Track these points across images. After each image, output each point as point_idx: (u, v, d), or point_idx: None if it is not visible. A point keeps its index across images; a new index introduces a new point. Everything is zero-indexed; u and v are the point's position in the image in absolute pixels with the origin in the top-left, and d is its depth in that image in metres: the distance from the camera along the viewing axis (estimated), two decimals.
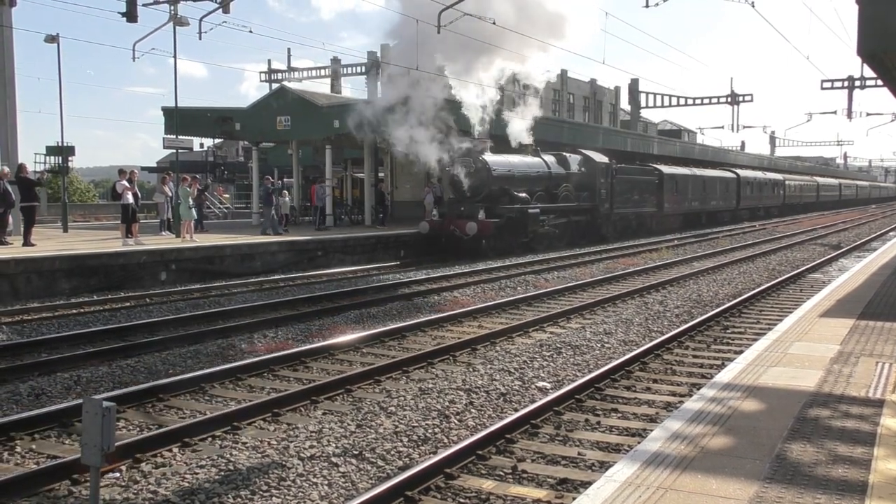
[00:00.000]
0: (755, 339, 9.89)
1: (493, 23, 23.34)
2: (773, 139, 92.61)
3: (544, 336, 11.72)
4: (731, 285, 17.43)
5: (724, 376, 7.31)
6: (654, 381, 9.05)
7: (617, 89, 68.28)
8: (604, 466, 6.06)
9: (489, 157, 25.10)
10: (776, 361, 7.87)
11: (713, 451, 5.20)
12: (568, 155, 29.61)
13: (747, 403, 6.35)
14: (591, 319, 13.16)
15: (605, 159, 31.20)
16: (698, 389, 7.36)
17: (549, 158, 28.44)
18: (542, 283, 17.86)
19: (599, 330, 11.92)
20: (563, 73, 61.84)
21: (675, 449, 5.24)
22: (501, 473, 6.10)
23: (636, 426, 7.26)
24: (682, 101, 55.49)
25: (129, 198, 20.50)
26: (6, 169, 19.97)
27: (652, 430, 6.01)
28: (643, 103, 57.11)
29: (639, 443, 5.79)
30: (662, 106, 56.94)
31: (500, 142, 27.07)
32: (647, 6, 28.55)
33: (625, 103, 62.94)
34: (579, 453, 6.52)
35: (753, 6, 25.70)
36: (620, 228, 32.88)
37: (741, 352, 8.90)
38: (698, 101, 54.63)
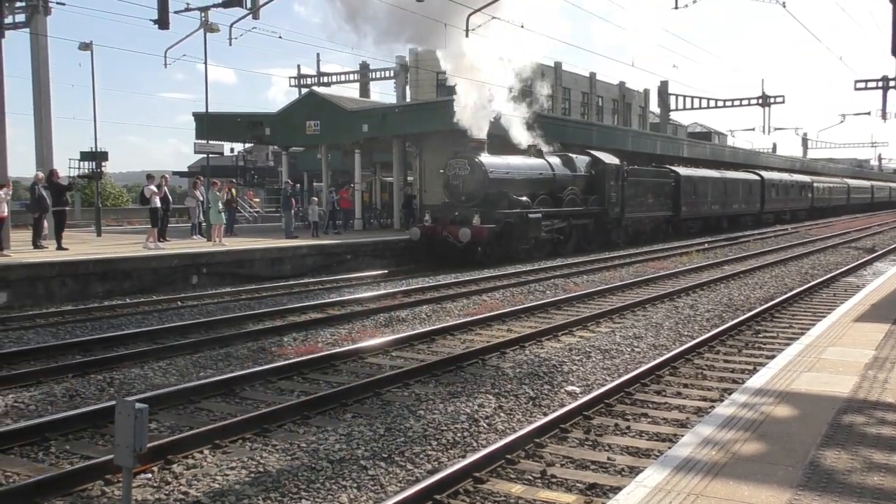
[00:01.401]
0: (788, 344, 9.77)
1: (522, 26, 23.32)
2: (805, 141, 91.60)
3: (574, 340, 11.67)
4: (762, 289, 17.23)
5: (755, 381, 7.23)
6: (685, 385, 8.97)
7: (646, 92, 67.87)
8: (634, 472, 6.02)
9: (486, 158, 23.73)
10: (809, 367, 7.77)
11: (745, 457, 5.15)
12: (574, 156, 28.32)
13: (780, 409, 6.27)
14: (620, 323, 13.07)
15: (615, 160, 29.77)
16: (730, 394, 7.29)
17: (554, 160, 27.07)
18: (572, 287, 17.78)
19: (629, 334, 11.84)
20: (592, 76, 61.59)
21: (707, 455, 5.18)
22: (530, 478, 6.07)
23: (666, 431, 7.20)
24: (712, 104, 55.06)
25: (157, 202, 20.77)
26: (41, 174, 20.32)
27: (682, 436, 5.95)
28: (673, 106, 56.72)
29: (669, 448, 5.75)
30: (692, 108, 56.53)
31: (505, 143, 26.04)
32: (676, 7, 28.38)
33: (654, 106, 62.48)
34: (609, 458, 6.48)
35: (784, 6, 25.48)
36: (632, 234, 31.47)
37: (773, 356, 8.80)
38: (728, 103, 54.15)
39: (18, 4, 21.51)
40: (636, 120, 66.68)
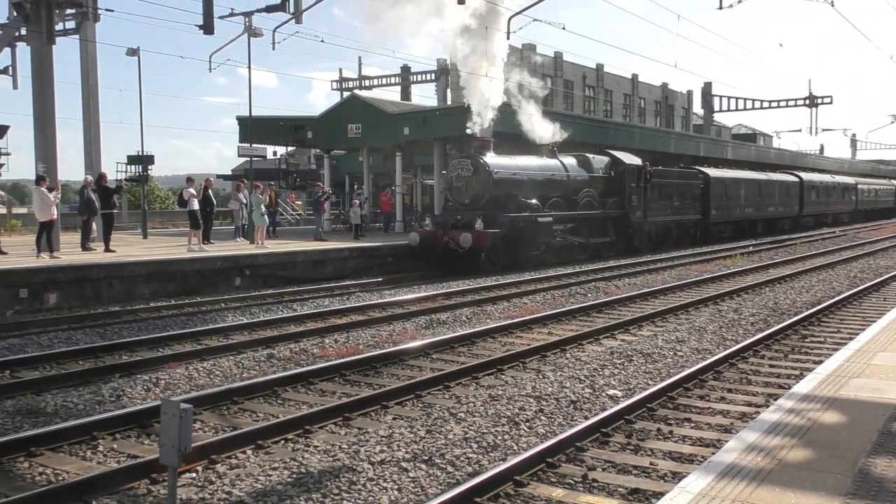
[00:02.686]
0: (836, 349, 9.57)
1: (563, 28, 23.25)
2: (853, 142, 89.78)
3: (615, 343, 11.57)
4: (809, 293, 16.92)
5: (802, 387, 7.10)
6: (729, 390, 8.84)
7: (689, 93, 67.12)
8: (677, 477, 5.94)
9: (491, 158, 22.28)
10: (858, 373, 7.60)
11: (792, 464, 5.05)
12: (591, 156, 26.84)
13: (828, 415, 6.15)
14: (662, 327, 12.94)
15: (637, 161, 28.17)
16: (775, 400, 7.16)
17: (569, 161, 25.51)
18: (613, 290, 17.64)
19: (672, 338, 11.71)
20: (634, 78, 61.13)
21: (752, 461, 5.10)
22: (572, 482, 6.03)
23: (710, 437, 7.10)
24: (757, 105, 54.26)
25: (196, 205, 21.10)
26: (90, 177, 20.76)
27: (727, 441, 5.87)
28: (717, 107, 56.01)
29: (713, 454, 5.67)
30: (737, 109, 55.77)
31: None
32: (720, 8, 28.03)
33: (697, 107, 61.78)
34: (651, 463, 6.41)
35: (833, 5, 25.00)
36: (657, 239, 29.81)
37: (821, 362, 8.64)
38: (774, 104, 53.33)
39: (69, 12, 21.98)
40: (679, 122, 66.01)
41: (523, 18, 24.53)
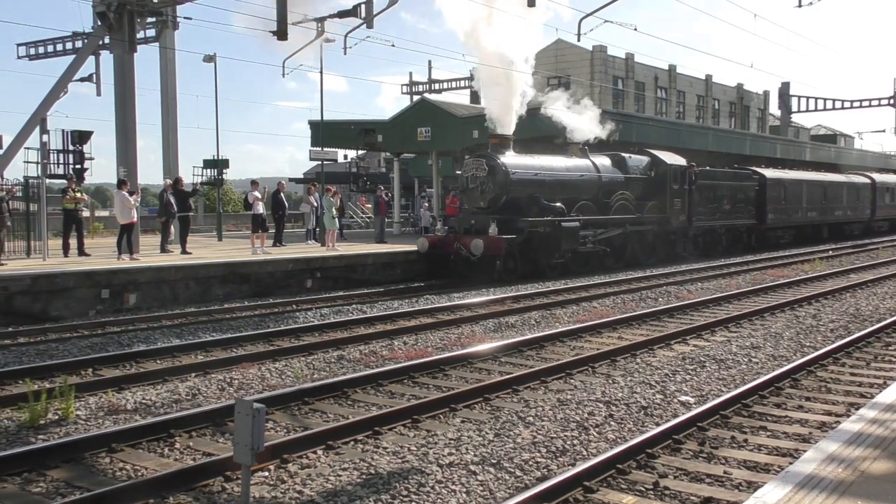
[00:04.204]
0: None
1: (636, 29, 22.96)
2: None
3: (687, 349, 11.36)
4: (893, 299, 16.31)
5: (886, 396, 6.86)
6: (807, 398, 8.58)
7: (766, 94, 65.53)
8: (752, 487, 5.79)
9: (509, 157, 20.61)
10: None
11: (874, 476, 4.88)
12: (628, 156, 24.81)
13: None
14: (736, 333, 12.65)
15: (679, 161, 26.18)
16: (857, 409, 6.93)
17: (601, 160, 23.62)
18: (685, 295, 17.33)
19: (746, 344, 11.43)
20: (708, 79, 60.01)
21: (832, 472, 4.94)
22: (642, 489, 5.94)
23: (787, 446, 6.90)
24: (837, 105, 52.65)
25: (260, 208, 21.52)
26: (168, 181, 21.38)
27: (805, 451, 5.71)
28: (794, 107, 54.55)
29: (790, 463, 5.52)
30: (816, 110, 54.20)
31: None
32: (799, 6, 27.29)
33: (774, 108, 60.30)
34: (725, 472, 6.26)
35: None
36: (703, 245, 27.78)
37: None
38: (856, 104, 51.65)
39: (150, 20, 22.71)
40: (755, 123, 64.51)
41: (594, 20, 24.30)
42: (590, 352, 10.97)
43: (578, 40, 23.41)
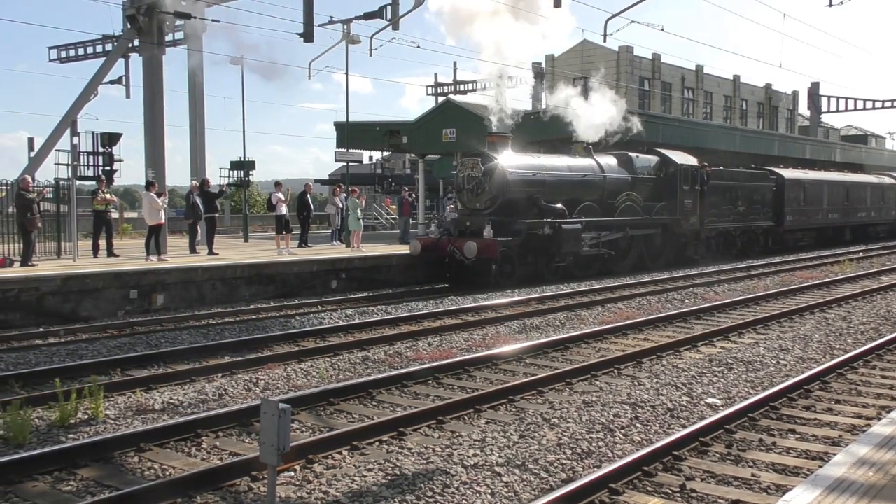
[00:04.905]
0: None
1: (662, 29, 22.84)
2: None
3: (714, 351, 11.27)
4: None
5: None
6: (837, 401, 8.47)
7: (795, 94, 64.84)
8: (780, 490, 5.73)
9: (507, 156, 19.71)
10: None
11: None
12: (635, 156, 23.86)
13: None
14: (764, 335, 12.52)
15: (690, 160, 25.19)
16: (888, 412, 6.83)
17: (606, 160, 22.71)
18: (712, 296, 17.19)
19: (774, 346, 11.31)
20: (736, 79, 59.52)
21: (862, 475, 4.88)
22: (669, 491, 5.90)
23: (816, 449, 6.82)
24: (868, 105, 51.98)
25: (283, 209, 21.64)
26: (195, 183, 21.57)
27: (835, 455, 5.64)
28: (824, 108, 53.92)
29: (820, 467, 5.45)
30: (846, 110, 53.52)
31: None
32: (829, 5, 26.96)
33: (803, 108, 59.64)
34: (753, 475, 6.20)
35: None
36: (716, 248, 26.83)
37: None
38: (888, 104, 50.94)
39: (178, 23, 22.95)
40: (783, 123, 63.90)
41: (620, 20, 24.21)
42: (615, 353, 10.91)
43: (605, 41, 23.30)
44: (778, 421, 7.72)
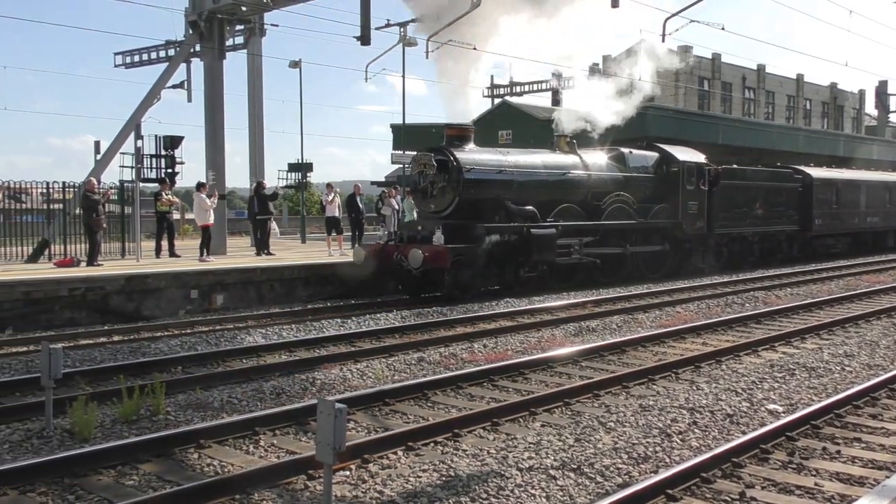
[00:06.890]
0: None
1: (723, 28, 22.46)
2: None
3: (775, 356, 11.02)
4: None
5: None
6: None
7: (861, 93, 63.11)
8: (845, 500, 5.58)
9: (465, 152, 17.15)
10: None
11: None
12: (628, 151, 21.05)
13: None
14: (828, 340, 12.21)
15: (697, 157, 22.54)
16: None
17: (593, 157, 20.15)
18: (773, 300, 16.83)
19: (839, 352, 11.02)
20: (799, 78, 58.21)
21: None
22: (728, 499, 5.79)
23: (884, 458, 6.61)
24: None
25: (335, 211, 21.84)
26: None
27: None
28: (893, 106, 52.40)
29: (887, 477, 5.29)
30: None
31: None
32: None
33: (870, 107, 58.04)
34: (816, 484, 6.05)
35: None
36: (728, 255, 24.02)
37: None
38: None
39: (238, 28, 23.38)
40: (849, 123, 62.27)
41: (679, 20, 23.87)
42: (673, 357, 10.76)
43: (663, 41, 22.99)
44: (842, 429, 7.52)
